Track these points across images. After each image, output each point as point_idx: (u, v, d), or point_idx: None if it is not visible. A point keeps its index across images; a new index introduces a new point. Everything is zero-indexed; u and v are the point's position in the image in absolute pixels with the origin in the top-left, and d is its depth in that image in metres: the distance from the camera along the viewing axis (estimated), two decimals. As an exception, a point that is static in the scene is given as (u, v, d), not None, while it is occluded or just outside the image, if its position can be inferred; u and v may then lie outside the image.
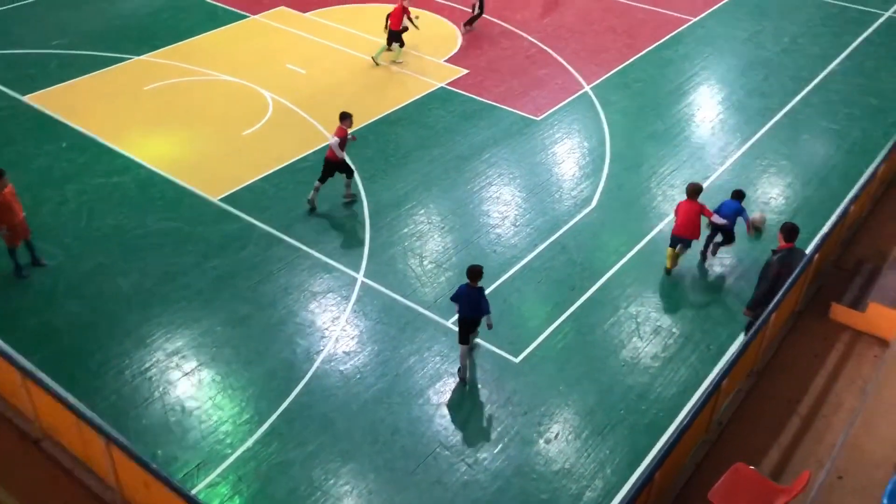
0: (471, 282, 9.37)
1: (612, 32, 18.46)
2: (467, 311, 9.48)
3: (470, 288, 9.40)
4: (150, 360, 9.92)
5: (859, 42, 18.02)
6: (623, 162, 13.95)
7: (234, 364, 9.91)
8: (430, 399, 9.50)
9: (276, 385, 9.61)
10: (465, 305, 9.46)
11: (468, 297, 9.39)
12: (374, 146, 14.27)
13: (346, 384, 9.66)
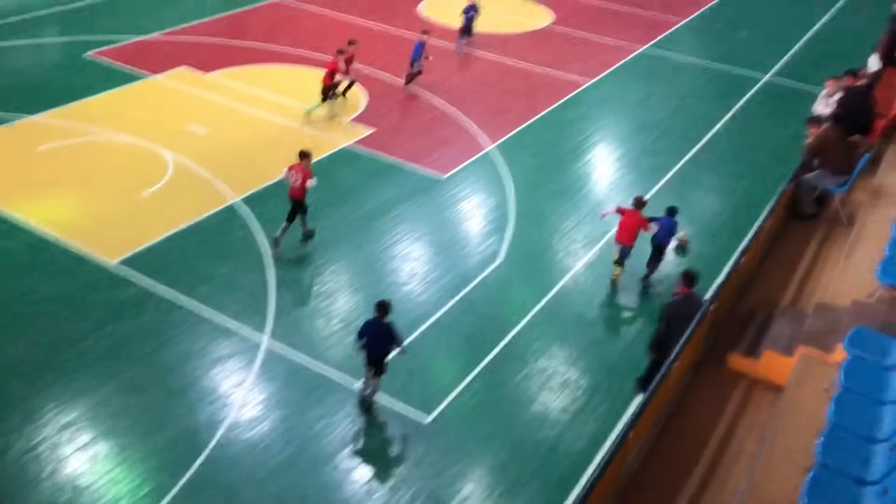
0: (379, 317, 9.38)
1: (513, 94, 19.04)
2: (374, 347, 9.48)
3: (378, 324, 9.41)
4: (38, 435, 9.32)
5: (742, 103, 19.19)
6: (527, 218, 14.26)
7: (132, 435, 9.43)
8: (340, 464, 9.27)
9: (178, 455, 9.18)
10: (371, 341, 9.46)
11: (375, 332, 9.42)
12: (278, 205, 14.01)
13: (251, 452, 9.32)
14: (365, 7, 24.13)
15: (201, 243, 12.94)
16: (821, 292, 10.23)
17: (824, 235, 11.92)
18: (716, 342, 9.73)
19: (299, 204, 12.75)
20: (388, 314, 9.46)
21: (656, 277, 12.69)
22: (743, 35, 23.92)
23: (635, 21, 24.33)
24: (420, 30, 19.38)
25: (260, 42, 21.00)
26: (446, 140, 16.72)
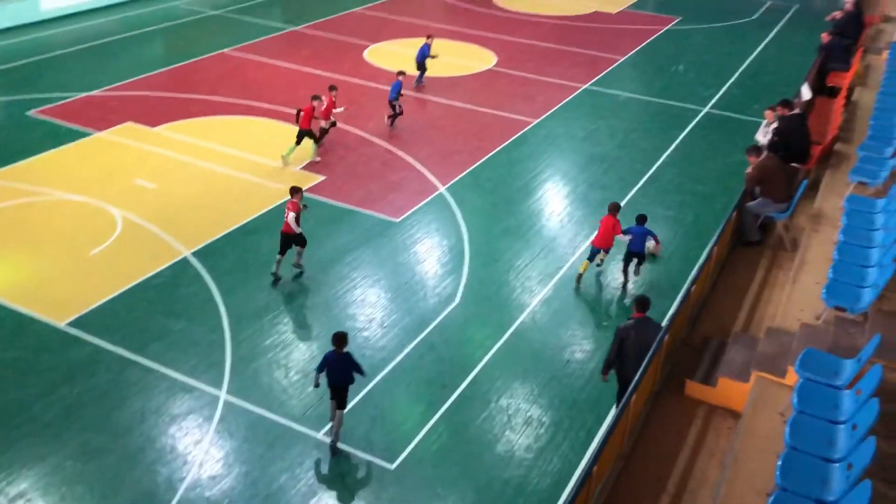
0: (336, 348, 9.70)
1: (462, 136, 19.28)
2: (336, 378, 9.77)
3: (336, 354, 9.71)
4: (-12, 508, 9.00)
5: (684, 135, 19.71)
6: (482, 257, 14.37)
7: (87, 502, 9.13)
8: (305, 517, 9.10)
9: (136, 520, 8.92)
10: (332, 372, 9.76)
11: (335, 363, 9.72)
12: (231, 257, 13.99)
13: (213, 511, 9.10)
14: (310, 55, 24.32)
15: (153, 300, 12.74)
16: (770, 317, 10.48)
17: (770, 261, 12.24)
18: (672, 371, 9.87)
19: (291, 238, 13.16)
20: (345, 345, 9.76)
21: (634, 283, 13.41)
22: (680, 69, 24.67)
23: (576, 60, 24.93)
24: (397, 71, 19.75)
25: (206, 94, 20.98)
26: (398, 184, 16.82)
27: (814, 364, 7.80)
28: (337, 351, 9.72)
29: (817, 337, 8.79)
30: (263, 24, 27.37)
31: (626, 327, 9.68)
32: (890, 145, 12.73)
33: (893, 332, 8.45)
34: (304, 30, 26.91)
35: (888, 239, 9.63)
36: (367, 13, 29.26)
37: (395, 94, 19.02)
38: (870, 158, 12.33)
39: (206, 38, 25.65)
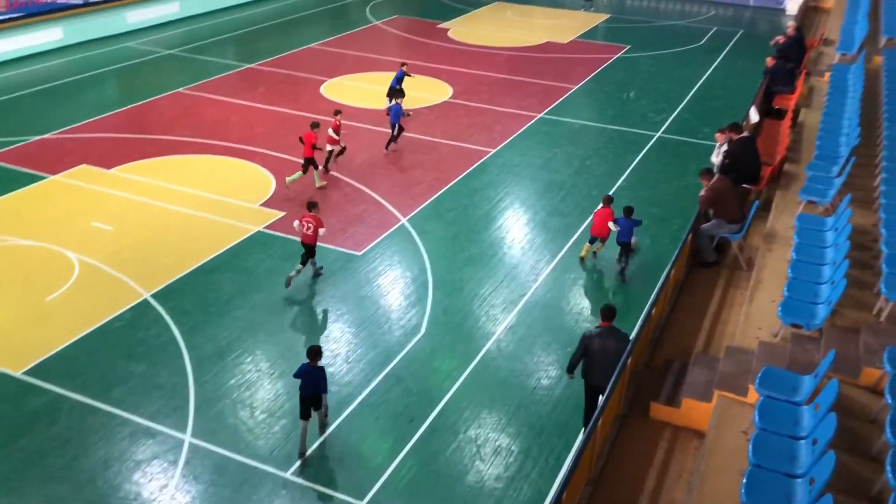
0: (311, 361, 10.27)
1: (421, 167, 19.42)
2: (308, 389, 10.29)
3: (311, 367, 10.27)
4: (-55, 567, 8.71)
5: (638, 160, 20.10)
6: (445, 287, 14.42)
7: (49, 556, 8.90)
8: (276, 559, 8.96)
9: (101, 572, 8.70)
10: (305, 383, 10.28)
11: (309, 375, 10.26)
12: (191, 298, 13.85)
13: (181, 558, 8.92)
14: (266, 92, 24.36)
15: (113, 344, 12.54)
16: (730, 336, 10.68)
17: (727, 281, 12.50)
18: (637, 394, 9.98)
19: (311, 249, 14.02)
20: (319, 358, 10.30)
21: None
22: (632, 96, 25.20)
23: (530, 89, 25.33)
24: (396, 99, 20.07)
25: (161, 134, 20.86)
26: (359, 217, 16.85)
27: (773, 381, 7.97)
28: (312, 363, 10.27)
29: (775, 354, 8.98)
30: (218, 62, 27.38)
31: (591, 335, 9.95)
32: (836, 164, 13.14)
33: (847, 347, 8.68)
34: (260, 67, 26.96)
35: (838, 255, 9.91)
36: (322, 49, 29.44)
37: (395, 118, 19.84)
38: (817, 178, 12.71)
39: (160, 78, 25.55)
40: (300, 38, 30.69)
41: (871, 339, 8.69)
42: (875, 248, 10.59)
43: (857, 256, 10.18)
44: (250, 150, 19.90)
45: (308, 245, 14.02)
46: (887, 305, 9.17)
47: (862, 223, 11.20)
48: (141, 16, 31.40)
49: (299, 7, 36.00)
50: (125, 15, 30.77)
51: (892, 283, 9.10)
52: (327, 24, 33.09)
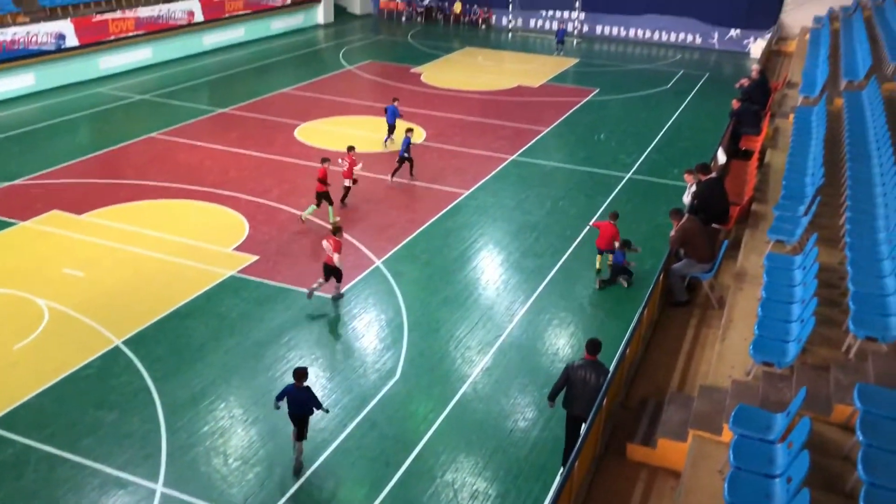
0: (297, 382, 10.50)
1: (396, 209, 19.50)
2: (294, 409, 10.59)
3: (296, 388, 10.50)
4: None
5: (610, 201, 20.35)
6: (421, 329, 14.41)
7: None
8: None
9: None
10: (291, 404, 10.58)
11: (294, 396, 10.51)
12: (164, 344, 13.69)
13: None
14: (240, 136, 24.43)
15: (83, 392, 12.33)
16: (703, 375, 10.76)
17: (699, 320, 12.62)
18: (613, 435, 9.99)
19: (332, 270, 14.85)
20: (305, 379, 10.56)
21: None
22: (602, 138, 25.62)
23: (502, 132, 25.67)
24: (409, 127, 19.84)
25: (134, 179, 20.80)
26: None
27: (746, 420, 8.02)
28: (297, 385, 10.51)
29: (748, 392, 9.05)
30: (192, 107, 27.46)
31: (573, 366, 10.30)
32: (802, 204, 13.40)
33: (818, 384, 8.78)
34: (234, 111, 27.08)
35: (807, 294, 10.07)
36: (296, 93, 29.66)
37: (404, 149, 20.82)
38: (785, 217, 12.94)
39: (133, 123, 25.55)
40: (274, 82, 30.92)
41: (841, 376, 8.81)
42: (842, 285, 10.79)
43: (825, 294, 10.34)
44: (224, 195, 19.88)
45: (328, 266, 14.85)
46: (855, 342, 9.31)
47: (829, 261, 11.40)
48: (114, 61, 31.49)
49: (273, 52, 36.33)
50: (98, 61, 30.85)
51: (859, 320, 9.25)
52: (301, 69, 33.39)
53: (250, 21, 37.98)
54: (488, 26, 44.08)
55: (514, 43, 40.85)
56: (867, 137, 15.93)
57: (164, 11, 33.14)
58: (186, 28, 34.39)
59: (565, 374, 10.35)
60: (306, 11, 41.87)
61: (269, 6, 38.86)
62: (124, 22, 31.40)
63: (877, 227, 11.74)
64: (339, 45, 38.57)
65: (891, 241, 10.94)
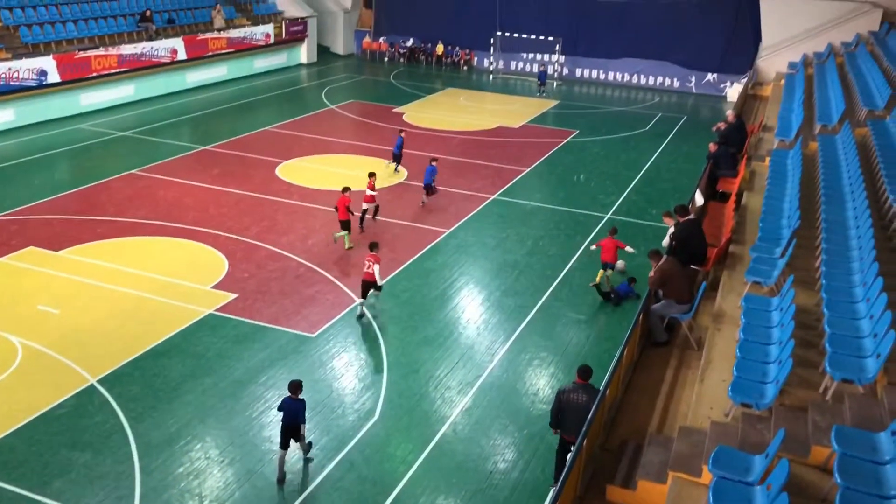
0: (292, 394, 11.33)
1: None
2: (288, 419, 11.29)
3: (293, 400, 11.32)
4: None
5: (589, 240, 20.49)
6: (400, 369, 14.32)
7: None
8: None
9: None
10: (287, 415, 11.30)
11: (290, 408, 11.29)
12: (140, 382, 13.51)
13: None
14: (221, 173, 24.43)
15: (56, 432, 12.10)
16: (683, 416, 10.75)
17: (678, 360, 12.65)
18: (593, 476, 9.93)
19: (371, 284, 15.84)
20: (299, 391, 11.36)
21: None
22: (581, 179, 25.88)
23: (483, 172, 25.87)
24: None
25: (113, 216, 20.68)
26: (312, 298, 16.77)
27: (725, 462, 8.01)
28: (293, 397, 11.32)
29: (727, 434, 9.05)
30: (172, 143, 27.47)
31: (566, 390, 10.76)
32: (779, 246, 13.56)
33: (796, 425, 8.81)
34: (215, 148, 27.11)
35: (784, 335, 10.15)
36: (277, 131, 29.78)
37: (430, 178, 22.14)
38: (762, 259, 13.07)
39: (113, 160, 25.49)
40: (256, 120, 31.04)
41: (819, 418, 8.84)
42: (819, 327, 10.88)
43: (802, 336, 10.42)
44: (203, 232, 19.81)
45: (367, 281, 15.82)
46: (832, 384, 9.37)
47: (805, 303, 11.51)
48: (95, 98, 31.50)
49: (256, 91, 36.53)
50: (79, 97, 30.84)
51: (835, 362, 9.32)
52: (283, 108, 33.58)
53: (233, 59, 38.21)
54: (470, 68, 44.66)
55: (496, 84, 41.40)
56: (841, 181, 16.22)
57: (148, 49, 33.28)
58: (169, 66, 34.53)
59: (557, 399, 10.79)
60: (289, 51, 42.23)
61: (253, 45, 39.15)
62: (107, 59, 31.48)
63: (852, 269, 11.89)
64: (322, 84, 38.88)
65: (865, 283, 11.08)
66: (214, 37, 36.78)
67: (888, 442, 7.76)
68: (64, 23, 31.78)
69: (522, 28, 42.15)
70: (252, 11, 41.25)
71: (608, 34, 41.37)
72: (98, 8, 33.80)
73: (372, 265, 15.72)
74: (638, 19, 40.63)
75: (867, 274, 11.21)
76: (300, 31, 42.29)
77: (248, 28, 38.95)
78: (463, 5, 43.79)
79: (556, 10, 41.91)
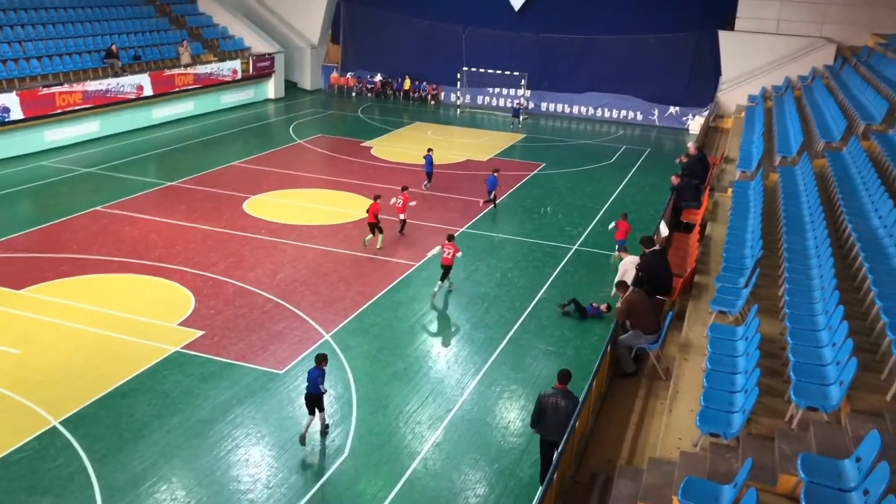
0: (317, 365, 12.78)
1: (345, 282, 19.43)
2: (310, 387, 12.71)
3: (317, 369, 12.69)
4: None
5: (557, 272, 20.65)
6: (370, 405, 14.21)
7: None
8: None
9: None
10: (312, 384, 12.67)
11: (309, 375, 12.73)
12: (104, 422, 13.24)
13: None
14: (188, 209, 24.26)
15: (15, 477, 11.78)
16: (652, 446, 10.80)
17: (647, 391, 12.74)
18: (565, 510, 9.91)
19: (449, 269, 18.86)
20: (325, 363, 12.87)
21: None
22: (548, 211, 26.11)
23: (451, 205, 26.00)
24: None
25: (77, 253, 20.40)
26: (280, 333, 16.63)
27: (695, 492, 8.05)
28: (319, 366, 12.74)
29: (696, 464, 9.11)
30: (139, 180, 27.25)
31: (545, 395, 11.22)
32: (742, 276, 13.78)
33: (763, 454, 8.89)
34: (181, 184, 26.94)
35: (750, 364, 10.28)
36: (245, 166, 29.71)
37: (492, 187, 25.14)
38: (726, 289, 13.27)
39: (77, 197, 25.19)
40: (223, 155, 30.95)
41: (785, 446, 8.93)
42: (783, 356, 11.04)
43: (768, 364, 10.56)
44: (170, 268, 19.60)
45: (446, 266, 18.72)
46: (798, 412, 9.48)
47: (770, 332, 11.68)
48: (60, 134, 31.21)
49: (223, 126, 36.47)
50: (43, 133, 30.53)
51: (800, 390, 9.45)
52: (251, 143, 33.54)
53: (200, 95, 38.15)
54: (437, 102, 45.06)
55: (463, 118, 41.79)
56: (801, 211, 16.57)
57: (113, 85, 33.12)
58: (135, 102, 34.37)
59: (538, 403, 11.22)
60: (257, 86, 42.29)
61: (220, 80, 39.15)
62: (71, 95, 31.25)
63: (814, 298, 12.11)
64: (290, 119, 38.94)
65: (827, 311, 11.28)
66: (181, 72, 36.74)
67: (853, 469, 7.86)
68: (28, 59, 31.54)
69: (488, 63, 42.73)
70: (219, 47, 41.30)
71: (572, 69, 42.10)
72: (63, 45, 33.62)
73: (451, 252, 18.60)
74: (601, 55, 41.44)
75: (829, 303, 11.43)
76: (267, 66, 42.42)
77: (216, 64, 38.97)
78: (429, 41, 44.31)
79: (521, 46, 42.58)
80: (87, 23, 36.06)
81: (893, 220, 13.69)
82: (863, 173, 17.62)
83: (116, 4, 38.73)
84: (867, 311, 11.74)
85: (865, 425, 8.73)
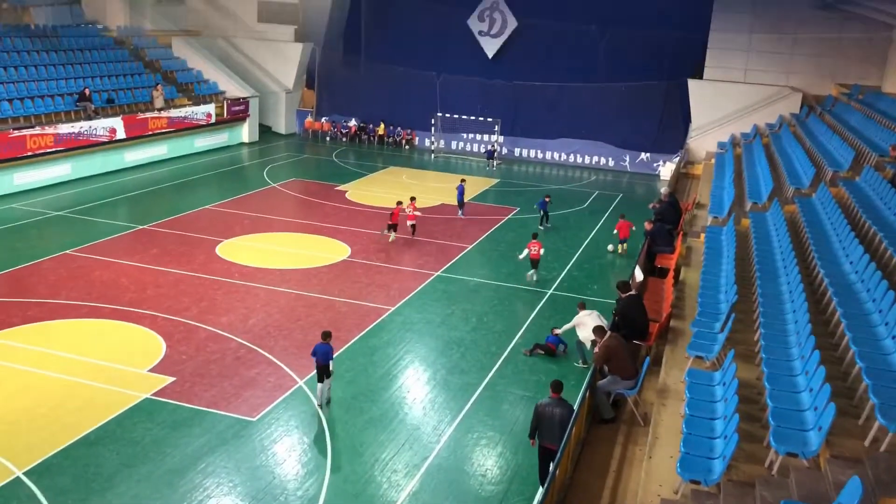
0: (324, 340, 14.96)
1: (319, 326, 19.12)
2: (321, 359, 14.93)
3: (325, 344, 14.89)
4: None
5: (533, 316, 20.61)
6: (345, 453, 13.94)
7: None
8: None
9: None
10: (319, 356, 14.83)
11: (322, 350, 14.89)
12: (70, 473, 12.83)
13: None
14: (159, 253, 23.96)
15: (-25, 530, 11.34)
16: (633, 494, 10.68)
17: (626, 437, 12.66)
18: (546, 561, 9.72)
19: (537, 262, 22.69)
20: (330, 339, 15.10)
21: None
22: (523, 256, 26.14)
23: (427, 249, 25.99)
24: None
25: (45, 298, 20.00)
26: (253, 380, 16.34)
27: (679, 541, 7.94)
28: (326, 342, 14.97)
29: (678, 512, 9.02)
30: (110, 223, 26.93)
31: (542, 404, 12.15)
32: (718, 320, 13.86)
33: (744, 501, 8.82)
34: (153, 228, 26.66)
35: (728, 410, 10.26)
36: (218, 210, 29.52)
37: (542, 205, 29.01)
38: (702, 334, 13.32)
39: (47, 240, 24.81)
40: (196, 199, 30.75)
41: (766, 493, 8.88)
42: (761, 400, 11.05)
43: (746, 410, 10.56)
44: (140, 313, 19.27)
45: (534, 259, 22.75)
46: (777, 458, 9.46)
47: (747, 377, 11.71)
48: (30, 177, 30.84)
49: (197, 170, 36.32)
50: (13, 176, 30.15)
51: (779, 435, 9.43)
52: (224, 186, 33.39)
53: (174, 138, 38.04)
54: (411, 147, 45.34)
55: (437, 163, 42.05)
56: (774, 256, 16.78)
57: (86, 128, 32.92)
58: (108, 145, 34.16)
59: (536, 413, 12.13)
60: (231, 130, 42.28)
61: (194, 124, 39.10)
62: (43, 138, 30.99)
63: (789, 343, 12.19)
64: (264, 163, 38.91)
65: (803, 356, 11.34)
66: (155, 116, 36.65)
67: (835, 516, 7.82)
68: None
69: (462, 109, 43.20)
70: (194, 91, 41.34)
71: (545, 115, 42.68)
72: (35, 87, 33.45)
73: (538, 249, 22.48)
74: (573, 101, 42.10)
75: (804, 347, 11.50)
76: (242, 110, 42.49)
77: (190, 107, 38.97)
78: (403, 87, 44.75)
79: (494, 92, 43.16)
80: (61, 66, 35.96)
81: (864, 266, 13.89)
82: (832, 219, 17.93)
83: (90, 48, 38.74)
84: (842, 355, 11.83)
85: (846, 471, 8.71)
